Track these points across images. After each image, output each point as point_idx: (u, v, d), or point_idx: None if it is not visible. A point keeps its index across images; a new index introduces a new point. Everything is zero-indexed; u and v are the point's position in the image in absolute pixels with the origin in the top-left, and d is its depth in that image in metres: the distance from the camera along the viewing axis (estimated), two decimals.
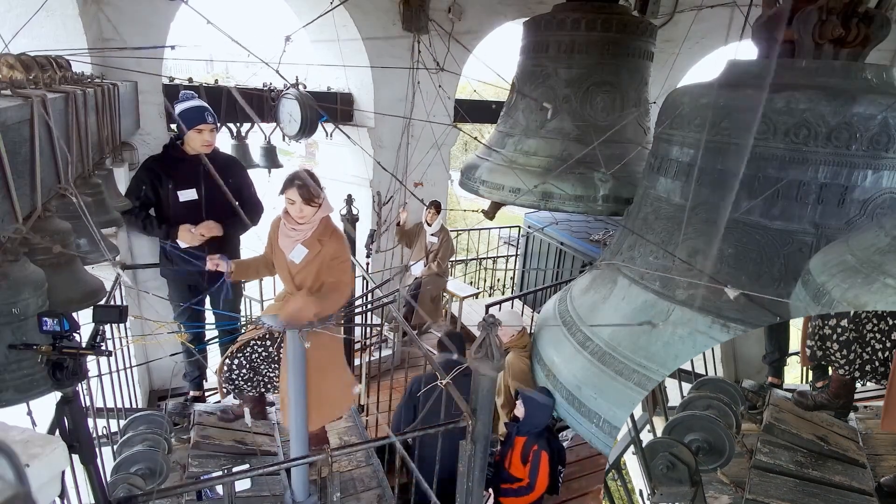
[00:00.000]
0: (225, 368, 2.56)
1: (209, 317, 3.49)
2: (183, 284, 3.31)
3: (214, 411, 3.11)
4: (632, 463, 1.41)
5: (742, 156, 1.67)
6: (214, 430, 2.97)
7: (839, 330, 1.43)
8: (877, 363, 1.42)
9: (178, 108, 3.05)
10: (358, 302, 3.71)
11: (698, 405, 1.50)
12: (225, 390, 2.61)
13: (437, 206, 4.86)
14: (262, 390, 2.72)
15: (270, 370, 2.63)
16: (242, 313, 3.98)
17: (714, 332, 1.82)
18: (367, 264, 4.31)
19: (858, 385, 1.61)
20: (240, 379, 2.58)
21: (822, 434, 1.60)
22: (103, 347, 1.39)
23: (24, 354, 1.26)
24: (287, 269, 2.37)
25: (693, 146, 1.96)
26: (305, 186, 2.19)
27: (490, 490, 2.55)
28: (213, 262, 2.34)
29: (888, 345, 1.41)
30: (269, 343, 2.56)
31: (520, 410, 2.56)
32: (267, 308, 2.73)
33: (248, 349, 2.56)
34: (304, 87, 4.18)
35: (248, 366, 2.57)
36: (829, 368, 1.64)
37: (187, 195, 3.10)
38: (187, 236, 3.09)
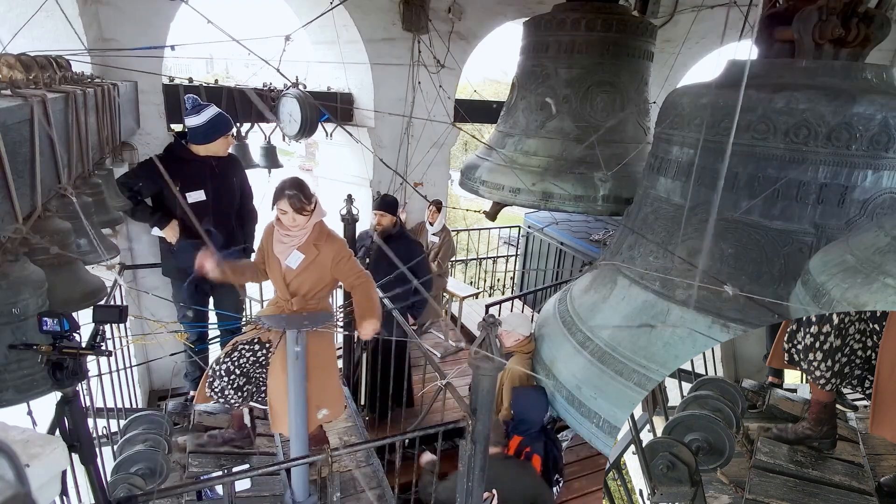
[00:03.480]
0: (210, 374, 2.53)
1: (212, 317, 3.49)
2: (189, 284, 3.31)
3: (203, 435, 2.97)
4: (632, 462, 1.41)
5: (725, 155, 1.67)
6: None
7: (821, 338, 1.39)
8: (854, 367, 1.39)
9: (203, 116, 3.03)
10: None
11: (698, 405, 1.50)
12: (208, 394, 2.56)
13: (437, 205, 4.86)
14: (253, 401, 2.67)
15: (259, 373, 2.59)
16: (243, 313, 3.98)
17: (714, 332, 1.82)
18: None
19: (844, 390, 1.59)
20: (229, 387, 2.54)
21: None
22: (103, 347, 1.39)
23: (24, 354, 1.26)
24: (281, 275, 2.36)
25: (693, 146, 1.96)
26: (296, 196, 2.21)
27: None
28: (202, 262, 2.33)
29: (866, 347, 1.39)
30: (257, 348, 2.54)
31: (514, 409, 2.56)
32: (265, 308, 2.72)
33: (236, 354, 2.52)
34: (304, 86, 4.18)
35: (237, 371, 2.53)
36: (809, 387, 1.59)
37: (196, 196, 3.09)
38: (170, 233, 3.14)
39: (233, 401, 2.57)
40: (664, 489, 1.28)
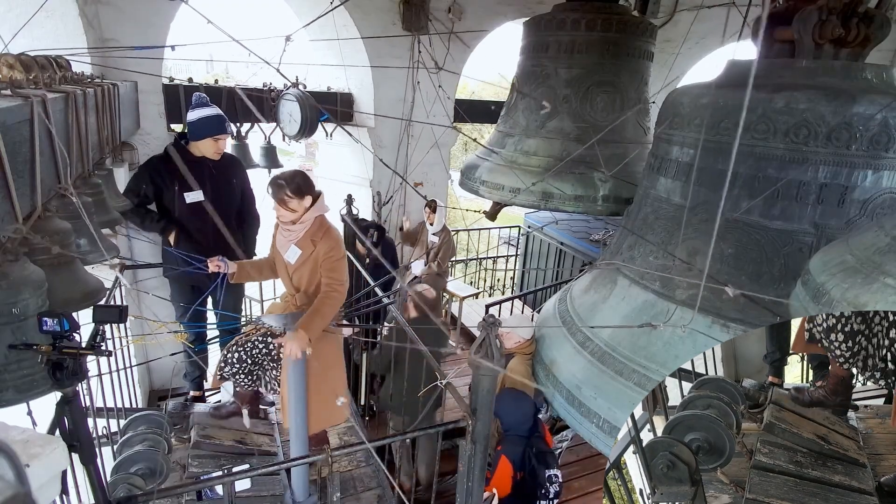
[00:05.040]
0: (222, 362, 2.56)
1: (211, 317, 3.49)
2: (186, 285, 3.31)
3: (208, 408, 3.11)
4: (632, 462, 1.41)
5: (732, 156, 1.67)
6: (214, 429, 2.97)
7: (843, 320, 1.41)
8: (879, 359, 1.40)
9: (196, 114, 3.05)
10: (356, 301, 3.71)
11: (698, 404, 1.50)
12: (219, 377, 2.60)
13: (433, 206, 4.86)
14: (259, 388, 2.71)
15: (271, 366, 2.62)
16: (243, 313, 3.98)
17: (714, 332, 1.82)
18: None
19: (858, 384, 1.61)
20: (240, 372, 2.57)
21: (823, 433, 1.60)
22: (103, 347, 1.39)
23: (24, 354, 1.26)
24: (285, 269, 2.38)
25: (693, 146, 1.96)
26: (281, 188, 2.21)
27: (494, 490, 2.53)
28: (215, 264, 2.35)
29: (893, 341, 1.40)
30: (269, 340, 2.56)
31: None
32: (268, 308, 2.74)
33: (249, 344, 2.55)
34: (304, 87, 4.18)
35: (248, 360, 2.56)
36: (829, 365, 1.63)
37: (194, 197, 3.10)
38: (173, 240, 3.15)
39: (243, 384, 2.61)
40: (664, 489, 1.28)
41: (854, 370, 1.49)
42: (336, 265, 2.31)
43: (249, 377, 2.60)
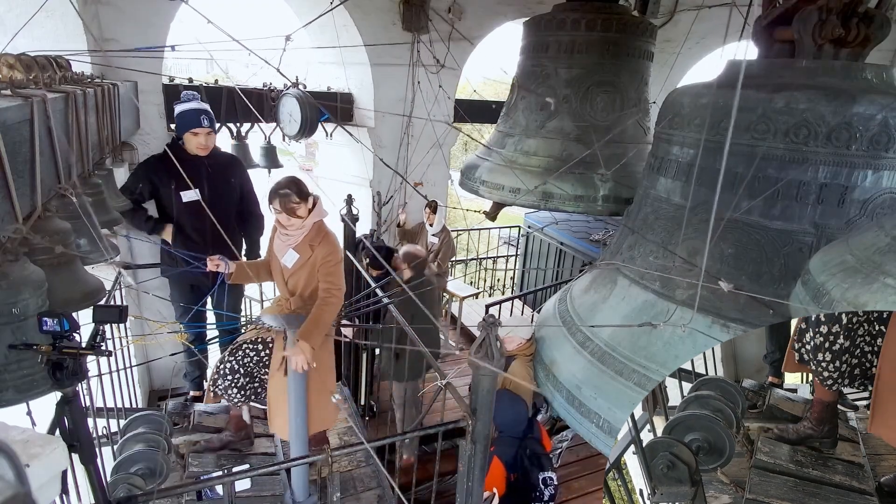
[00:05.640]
0: (216, 375, 2.54)
1: (210, 317, 3.49)
2: (185, 285, 3.31)
3: (200, 440, 2.97)
4: (632, 462, 1.41)
5: (726, 154, 1.67)
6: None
7: (831, 338, 1.40)
8: (865, 368, 1.40)
9: (177, 108, 3.06)
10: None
11: (698, 405, 1.50)
12: (213, 394, 2.58)
13: (433, 206, 4.86)
14: (254, 400, 2.67)
15: (265, 375, 2.61)
16: (243, 313, 3.98)
17: (714, 332, 1.82)
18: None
19: (848, 389, 1.59)
20: (233, 386, 2.55)
21: None
22: (103, 347, 1.39)
23: (24, 354, 1.26)
24: (281, 273, 2.38)
25: (693, 146, 1.96)
26: (287, 196, 2.21)
27: (494, 489, 2.52)
28: (214, 263, 2.35)
29: (875, 349, 1.39)
30: (260, 347, 2.55)
31: None
32: (266, 308, 2.73)
33: (240, 353, 2.54)
34: (304, 86, 4.18)
35: (241, 371, 2.55)
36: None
37: (190, 196, 3.10)
38: (167, 237, 3.15)
39: (234, 399, 2.58)
40: (664, 489, 1.28)
41: (842, 390, 1.48)
42: (334, 270, 2.32)
43: (242, 392, 2.58)
